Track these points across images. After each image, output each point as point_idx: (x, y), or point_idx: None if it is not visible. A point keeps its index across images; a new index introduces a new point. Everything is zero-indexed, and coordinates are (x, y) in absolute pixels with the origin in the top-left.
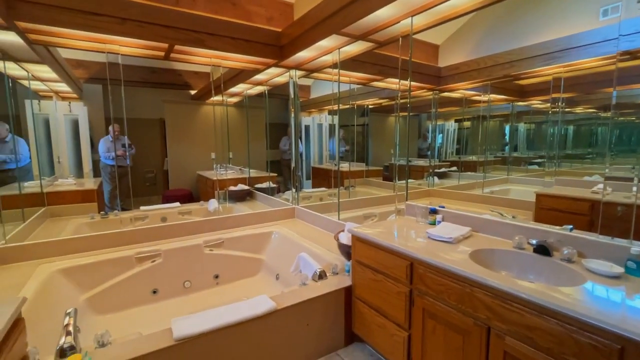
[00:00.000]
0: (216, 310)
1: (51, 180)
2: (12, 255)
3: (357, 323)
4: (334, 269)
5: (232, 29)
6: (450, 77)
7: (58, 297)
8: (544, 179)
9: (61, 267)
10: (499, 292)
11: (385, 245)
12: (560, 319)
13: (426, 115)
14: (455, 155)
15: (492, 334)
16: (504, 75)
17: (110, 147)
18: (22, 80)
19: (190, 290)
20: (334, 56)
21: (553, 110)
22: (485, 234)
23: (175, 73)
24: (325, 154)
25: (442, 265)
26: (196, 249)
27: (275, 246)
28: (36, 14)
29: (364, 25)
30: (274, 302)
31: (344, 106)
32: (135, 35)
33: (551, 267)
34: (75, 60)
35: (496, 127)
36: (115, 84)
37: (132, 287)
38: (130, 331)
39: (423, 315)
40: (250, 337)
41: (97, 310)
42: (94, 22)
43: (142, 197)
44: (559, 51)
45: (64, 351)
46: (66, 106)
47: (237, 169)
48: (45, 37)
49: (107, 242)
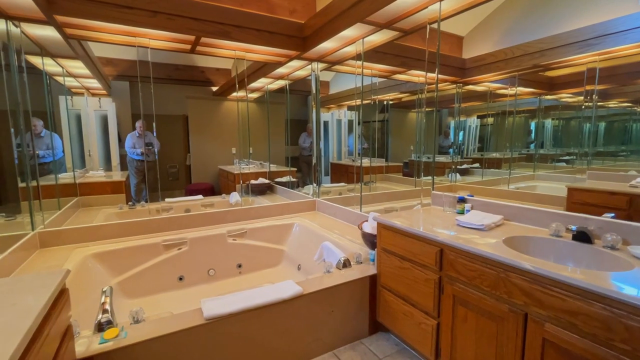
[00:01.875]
0: (244, 292)
1: (82, 172)
2: (50, 240)
3: (382, 312)
4: (358, 257)
5: (257, 21)
6: (475, 69)
7: (92, 279)
8: (575, 176)
9: (94, 252)
10: (538, 277)
11: (413, 232)
12: (607, 304)
13: (447, 111)
14: (478, 152)
15: (529, 321)
16: (533, 66)
17: (136, 142)
18: (57, 77)
19: (214, 278)
20: (357, 47)
21: (586, 104)
22: (518, 222)
23: (198, 70)
24: (344, 150)
25: (475, 251)
26: (220, 238)
27: (297, 237)
28: (74, 8)
29: (390, 12)
30: (300, 287)
31: (364, 101)
32: (165, 28)
33: (593, 255)
34: (105, 58)
35: (521, 124)
36: (142, 81)
37: (160, 273)
38: (159, 312)
39: (453, 303)
40: (276, 320)
41: (127, 294)
42: (127, 15)
43: (166, 191)
44: (594, 38)
45: (101, 325)
46: (96, 102)
47: (258, 164)
48: (81, 32)
49: (136, 230)
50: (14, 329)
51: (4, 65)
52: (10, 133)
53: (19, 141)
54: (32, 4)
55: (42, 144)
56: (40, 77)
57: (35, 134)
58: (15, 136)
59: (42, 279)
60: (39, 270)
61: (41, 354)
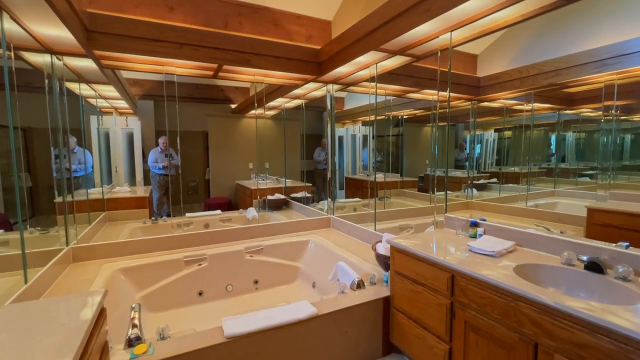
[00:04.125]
0: (262, 312)
1: (109, 187)
2: (82, 255)
3: (396, 334)
4: (372, 278)
5: (275, 49)
6: (490, 87)
7: (119, 293)
8: (596, 192)
9: (121, 267)
10: (547, 308)
11: (425, 257)
12: (615, 339)
13: (463, 125)
14: (495, 166)
15: (539, 351)
16: (549, 84)
17: (159, 157)
18: (90, 99)
19: (232, 293)
20: (371, 70)
21: (606, 118)
22: (530, 248)
23: (218, 89)
24: (358, 165)
25: (485, 279)
26: (238, 254)
27: (312, 255)
28: (110, 43)
29: (402, 41)
30: (315, 307)
31: (378, 117)
32: (190, 58)
33: (604, 285)
34: (132, 79)
35: (540, 137)
36: (166, 100)
37: (181, 288)
38: (181, 328)
39: (465, 328)
40: (292, 339)
41: (150, 308)
42: (156, 48)
43: (186, 204)
44: (611, 57)
45: (131, 341)
46: (123, 121)
47: (274, 179)
48: (115, 62)
49: (159, 246)
50: (67, 347)
51: (47, 90)
52: (48, 149)
53: (56, 153)
54: (74, 40)
55: (75, 159)
56: (74, 97)
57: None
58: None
59: (84, 299)
60: (74, 283)
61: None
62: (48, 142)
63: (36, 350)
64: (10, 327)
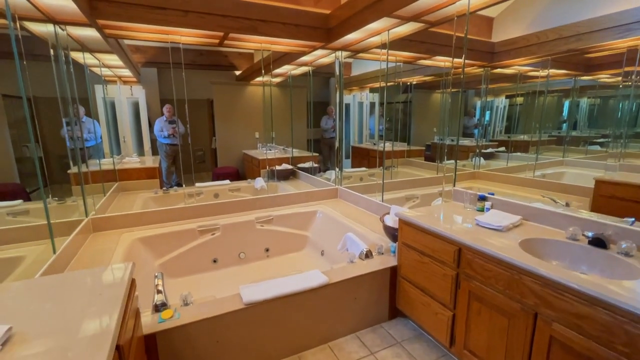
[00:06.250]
0: (276, 280)
1: (119, 158)
2: (101, 224)
3: (402, 300)
4: (380, 249)
5: (283, 15)
6: (505, 53)
7: (139, 260)
8: (606, 161)
9: (140, 236)
10: (550, 282)
11: (433, 230)
12: (612, 311)
13: (474, 92)
14: (504, 134)
15: (539, 319)
16: (568, 50)
17: (164, 126)
18: (93, 68)
19: (244, 261)
20: (382, 37)
21: (624, 84)
22: (536, 223)
23: (221, 54)
24: (365, 133)
25: (491, 253)
26: (249, 224)
27: (320, 224)
28: (113, 12)
29: (418, 6)
30: (326, 276)
31: (387, 84)
32: (196, 26)
33: (606, 260)
34: (134, 46)
35: (553, 103)
36: (169, 68)
37: (196, 255)
38: (200, 294)
39: (469, 297)
40: (305, 305)
41: (168, 274)
42: (161, 16)
43: (194, 174)
44: (635, 22)
45: (157, 307)
46: (128, 90)
47: (281, 149)
48: (119, 32)
49: (174, 216)
50: (108, 313)
51: (53, 59)
52: (54, 119)
53: (67, 121)
54: (77, 10)
55: (84, 128)
56: (79, 67)
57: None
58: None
59: (115, 271)
60: (97, 251)
61: (127, 328)
62: (53, 111)
63: (82, 318)
64: (54, 297)
